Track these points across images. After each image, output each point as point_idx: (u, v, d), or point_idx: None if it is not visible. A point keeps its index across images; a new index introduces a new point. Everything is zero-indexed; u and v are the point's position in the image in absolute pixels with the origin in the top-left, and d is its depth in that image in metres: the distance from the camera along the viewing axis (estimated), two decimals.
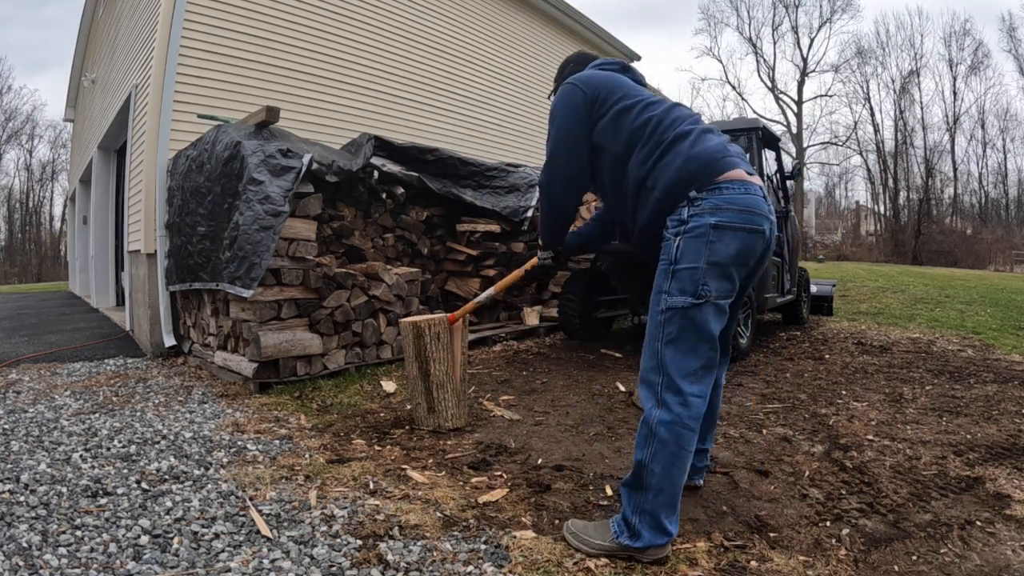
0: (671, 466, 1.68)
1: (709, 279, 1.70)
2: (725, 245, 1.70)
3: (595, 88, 1.98)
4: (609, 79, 2.02)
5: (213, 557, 1.74)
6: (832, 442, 2.73)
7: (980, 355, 4.72)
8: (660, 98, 2.02)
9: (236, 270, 3.66)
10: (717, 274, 1.71)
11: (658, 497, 1.69)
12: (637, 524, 1.70)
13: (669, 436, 1.68)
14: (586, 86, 1.99)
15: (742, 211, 1.72)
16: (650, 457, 1.69)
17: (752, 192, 1.76)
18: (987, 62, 33.71)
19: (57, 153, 33.23)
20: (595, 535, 1.79)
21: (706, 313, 1.70)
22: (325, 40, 6.46)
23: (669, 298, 1.73)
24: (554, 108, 2.05)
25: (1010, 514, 2.00)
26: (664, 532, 1.69)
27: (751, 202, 1.74)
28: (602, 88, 1.98)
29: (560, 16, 9.92)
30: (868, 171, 30.46)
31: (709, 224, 1.70)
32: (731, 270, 1.73)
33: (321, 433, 2.92)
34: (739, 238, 1.71)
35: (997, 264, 22.14)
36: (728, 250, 1.70)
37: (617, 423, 3.05)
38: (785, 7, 32.09)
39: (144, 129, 5.16)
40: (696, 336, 1.70)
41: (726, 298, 1.74)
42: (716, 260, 1.70)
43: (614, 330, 6.06)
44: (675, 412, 1.69)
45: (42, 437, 2.81)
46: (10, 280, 25.88)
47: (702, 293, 1.69)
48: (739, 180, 1.75)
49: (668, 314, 1.72)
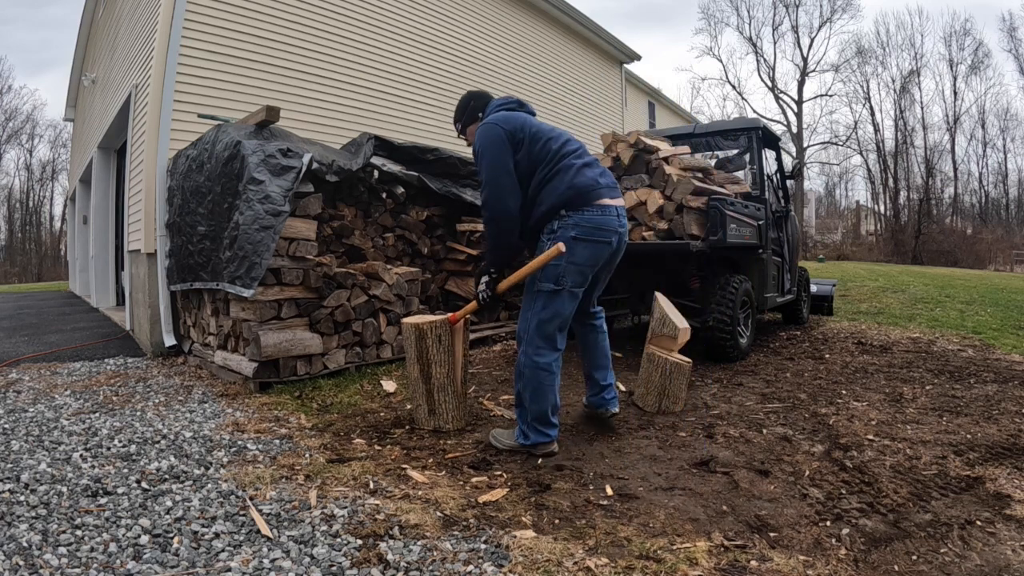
0: (536, 393, 2.49)
1: (567, 274, 2.44)
2: (580, 251, 2.44)
3: (512, 124, 2.52)
4: (517, 117, 2.58)
5: (213, 557, 1.74)
6: (832, 442, 2.73)
7: (980, 355, 4.72)
8: (558, 132, 2.64)
9: (236, 270, 3.66)
10: (573, 271, 2.45)
11: (532, 411, 2.50)
12: (525, 431, 2.54)
13: (532, 375, 2.49)
14: (504, 123, 2.52)
15: (595, 228, 2.46)
16: (523, 387, 2.52)
17: (607, 214, 2.48)
18: (987, 62, 33.65)
19: (57, 153, 33.25)
20: (505, 438, 2.64)
21: (563, 297, 2.47)
22: (325, 40, 6.46)
23: (539, 283, 2.47)
24: (482, 145, 2.51)
25: (1010, 514, 2.00)
26: (544, 435, 2.52)
27: (603, 222, 2.47)
28: (516, 124, 2.53)
29: (560, 16, 9.92)
30: (868, 171, 30.45)
31: (570, 236, 2.43)
32: (585, 269, 2.48)
33: (321, 433, 2.92)
34: (590, 247, 2.46)
35: (997, 264, 22.12)
36: (583, 255, 2.45)
37: (617, 423, 3.05)
38: (785, 7, 32.06)
39: (144, 129, 5.15)
40: (554, 311, 2.47)
41: (579, 287, 2.51)
42: (572, 261, 2.43)
43: (614, 330, 6.06)
44: (534, 359, 2.49)
45: (42, 437, 2.81)
46: (10, 280, 25.88)
47: (561, 283, 2.44)
48: (600, 205, 2.47)
49: (537, 294, 2.49)
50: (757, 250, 4.89)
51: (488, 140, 2.49)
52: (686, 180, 4.30)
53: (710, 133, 5.50)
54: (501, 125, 2.50)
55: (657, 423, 3.05)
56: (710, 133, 5.50)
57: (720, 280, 4.43)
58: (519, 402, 2.54)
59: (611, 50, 11.39)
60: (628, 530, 1.90)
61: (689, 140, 5.36)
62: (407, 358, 2.94)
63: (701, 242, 4.17)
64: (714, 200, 4.20)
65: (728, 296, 4.32)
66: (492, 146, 2.48)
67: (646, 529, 1.92)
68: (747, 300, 4.61)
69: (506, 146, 2.48)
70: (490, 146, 2.48)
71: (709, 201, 4.23)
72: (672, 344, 3.28)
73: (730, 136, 5.39)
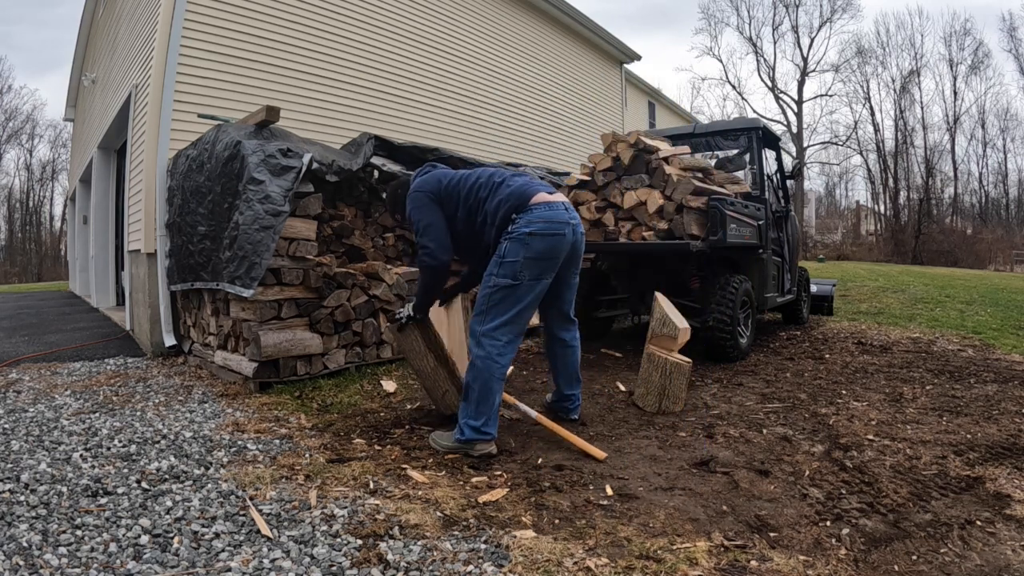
0: (486, 386, 2.50)
1: (525, 268, 2.52)
2: (536, 244, 2.53)
3: (430, 185, 2.74)
4: (433, 176, 2.80)
5: (213, 557, 1.74)
6: (832, 442, 2.73)
7: (980, 355, 4.72)
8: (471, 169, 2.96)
9: (236, 270, 3.66)
10: (531, 264, 2.53)
11: (479, 407, 2.49)
12: (464, 426, 2.52)
13: (483, 366, 2.50)
14: (423, 187, 2.74)
15: (547, 223, 2.56)
16: (471, 379, 2.52)
17: (554, 208, 2.60)
18: (987, 62, 33.55)
19: (57, 153, 33.21)
20: (444, 439, 2.62)
21: (521, 288, 2.53)
22: (325, 40, 6.45)
23: (496, 279, 2.55)
24: (412, 212, 2.72)
25: (1010, 514, 2.00)
26: (485, 433, 2.51)
27: (552, 216, 2.58)
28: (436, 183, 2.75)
29: (560, 16, 9.91)
30: (868, 171, 30.42)
31: (525, 232, 2.53)
32: (543, 262, 2.55)
33: (321, 433, 2.92)
34: (545, 240, 2.55)
35: (997, 264, 22.10)
36: (538, 247, 2.53)
37: (617, 423, 3.05)
38: (785, 7, 32.03)
39: (144, 129, 5.15)
40: (512, 302, 2.54)
41: (537, 280, 2.56)
42: (529, 256, 2.52)
43: (614, 330, 6.06)
44: (488, 350, 2.51)
45: (42, 437, 2.81)
46: (10, 280, 25.87)
47: (519, 278, 2.53)
48: (543, 203, 2.59)
49: (494, 289, 2.55)
50: (757, 250, 4.89)
51: (416, 205, 2.71)
52: (686, 180, 4.30)
53: (710, 133, 5.50)
54: (424, 191, 2.73)
55: (657, 423, 3.05)
56: (710, 133, 5.50)
57: (720, 280, 4.43)
58: (465, 395, 2.56)
59: (611, 50, 11.39)
60: (628, 530, 1.90)
61: (689, 140, 5.36)
62: (414, 354, 2.94)
63: (701, 242, 4.17)
64: (714, 200, 4.20)
65: (728, 296, 4.32)
66: (420, 208, 2.70)
67: (646, 529, 1.92)
68: (747, 300, 4.61)
69: (433, 204, 2.70)
70: (418, 208, 2.70)
71: (709, 201, 4.23)
72: (672, 344, 3.28)
73: (730, 136, 5.39)
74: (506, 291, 2.54)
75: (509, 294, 2.54)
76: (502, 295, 2.54)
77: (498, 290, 2.54)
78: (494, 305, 2.55)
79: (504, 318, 2.54)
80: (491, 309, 2.55)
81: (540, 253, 2.54)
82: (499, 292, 2.54)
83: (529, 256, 2.52)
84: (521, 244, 2.52)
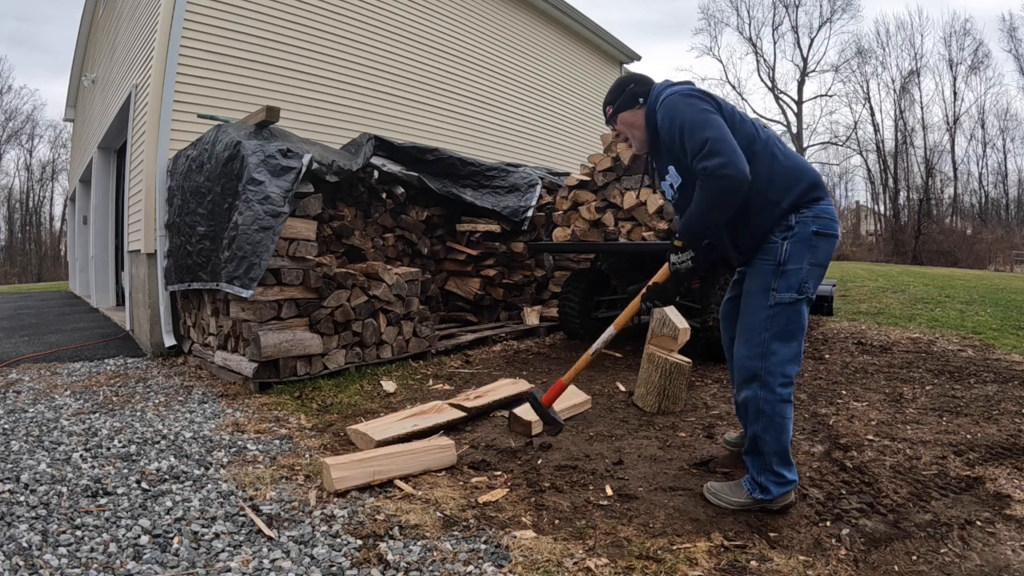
0: (778, 433, 2.00)
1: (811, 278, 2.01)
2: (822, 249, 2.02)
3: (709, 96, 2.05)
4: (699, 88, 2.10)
5: (213, 557, 1.74)
6: (832, 442, 2.73)
7: (980, 355, 4.72)
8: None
9: (236, 270, 3.66)
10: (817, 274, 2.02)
11: (774, 457, 2.00)
12: (764, 482, 2.01)
13: (773, 412, 1.99)
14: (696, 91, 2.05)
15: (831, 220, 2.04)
16: (762, 429, 2.00)
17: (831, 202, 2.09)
18: (987, 62, 33.52)
19: (57, 153, 33.21)
20: (731, 493, 2.08)
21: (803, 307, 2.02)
22: (325, 40, 6.45)
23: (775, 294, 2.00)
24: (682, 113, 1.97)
25: (1010, 514, 2.00)
26: (787, 483, 2.01)
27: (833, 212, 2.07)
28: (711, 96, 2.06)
29: (560, 16, 9.91)
30: (868, 171, 30.44)
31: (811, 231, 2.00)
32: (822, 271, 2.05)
33: (321, 433, 2.92)
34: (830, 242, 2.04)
35: (997, 264, 22.10)
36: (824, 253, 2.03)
37: (617, 423, 3.05)
38: (785, 7, 32.06)
39: (144, 129, 5.15)
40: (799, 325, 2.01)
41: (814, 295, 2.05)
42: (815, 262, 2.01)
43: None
44: (777, 392, 1.99)
45: (42, 437, 2.81)
46: (10, 280, 25.87)
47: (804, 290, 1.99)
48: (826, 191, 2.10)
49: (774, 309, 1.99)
50: None
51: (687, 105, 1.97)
52: None
53: None
54: (695, 93, 2.02)
55: (657, 423, 3.05)
56: None
57: (720, 280, 4.43)
58: (754, 448, 2.04)
59: (611, 50, 11.39)
60: (628, 530, 1.90)
61: None
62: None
63: None
64: None
65: None
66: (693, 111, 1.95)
67: (646, 529, 1.92)
68: None
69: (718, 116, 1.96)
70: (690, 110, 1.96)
71: None
72: (672, 344, 3.28)
73: None
74: (791, 311, 1.96)
75: (795, 315, 1.97)
76: (787, 317, 1.96)
77: (781, 310, 1.96)
78: (778, 332, 1.97)
79: (792, 349, 1.99)
80: (774, 339, 1.97)
81: (825, 259, 2.01)
82: (783, 313, 1.96)
83: (814, 263, 1.98)
84: (807, 247, 1.96)
